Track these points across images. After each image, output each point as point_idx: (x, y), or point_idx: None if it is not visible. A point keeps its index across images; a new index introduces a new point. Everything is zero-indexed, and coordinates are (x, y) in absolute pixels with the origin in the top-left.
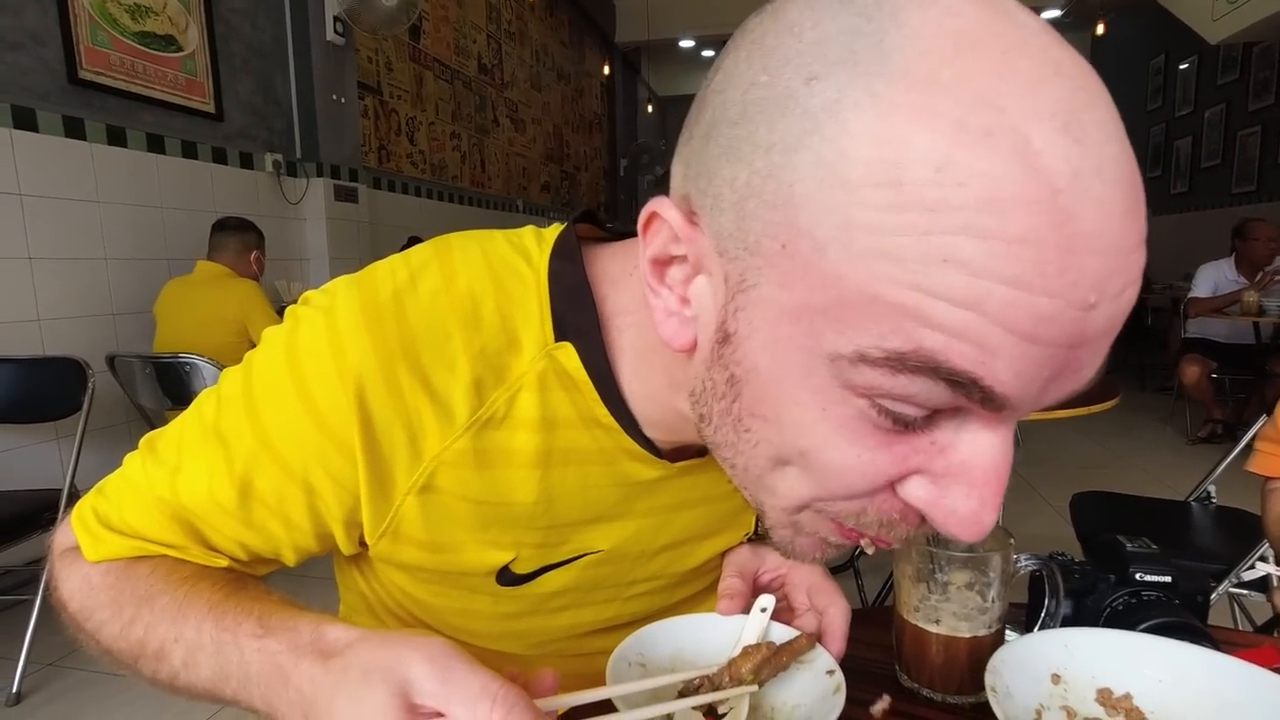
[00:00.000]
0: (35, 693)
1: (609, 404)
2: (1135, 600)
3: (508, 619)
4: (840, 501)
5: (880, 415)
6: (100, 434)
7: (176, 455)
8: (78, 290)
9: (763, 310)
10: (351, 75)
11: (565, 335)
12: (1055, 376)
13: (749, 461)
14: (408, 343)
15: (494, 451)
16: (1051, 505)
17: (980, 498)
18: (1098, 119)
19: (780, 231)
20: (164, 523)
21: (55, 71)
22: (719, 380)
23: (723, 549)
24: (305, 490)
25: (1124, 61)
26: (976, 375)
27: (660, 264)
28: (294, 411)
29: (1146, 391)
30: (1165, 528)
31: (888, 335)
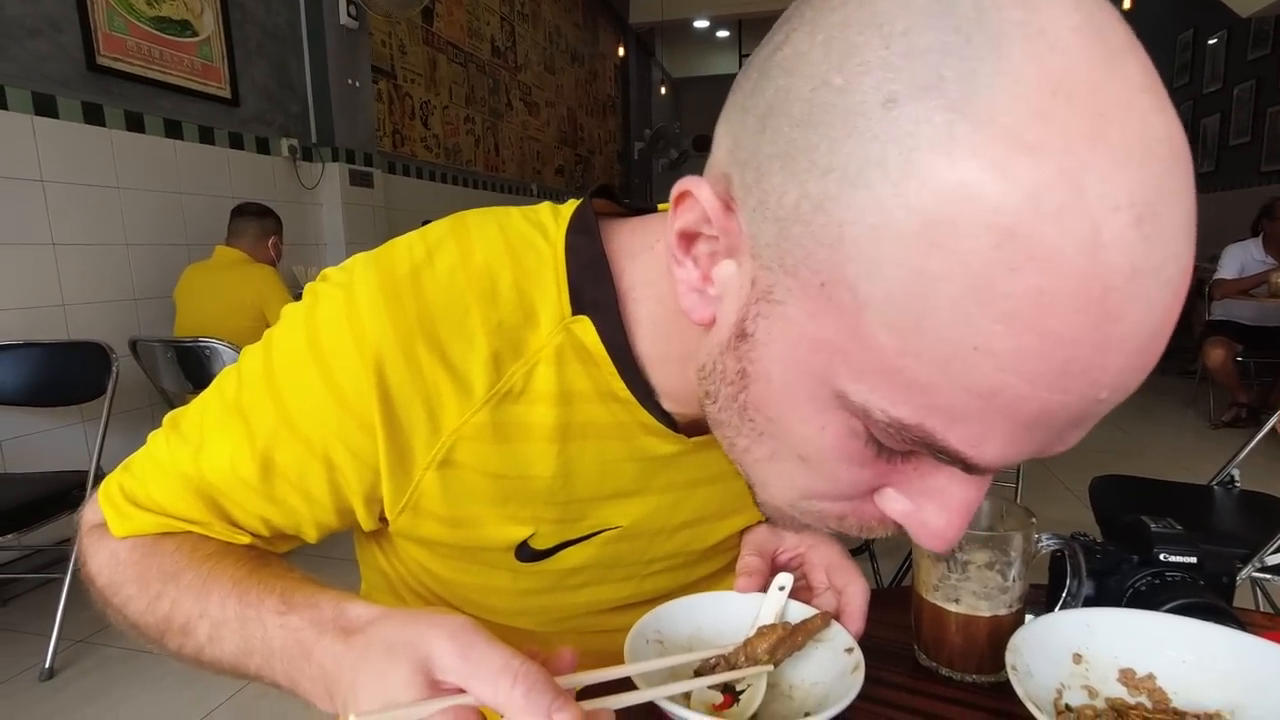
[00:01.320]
0: (67, 668)
1: (626, 378)
2: (1159, 581)
3: (527, 595)
4: (826, 502)
5: (869, 443)
6: (124, 417)
7: (199, 432)
8: (100, 275)
9: (785, 327)
10: (365, 59)
11: (582, 309)
12: (1041, 450)
13: (750, 445)
14: (426, 318)
15: (512, 425)
16: (1070, 490)
17: (949, 520)
18: (1174, 211)
19: (823, 269)
20: (188, 499)
21: (74, 58)
22: (730, 368)
23: (741, 528)
24: (326, 466)
25: (1151, 37)
26: (966, 455)
27: (687, 238)
28: (314, 388)
29: (1168, 375)
30: (1187, 512)
31: (898, 403)
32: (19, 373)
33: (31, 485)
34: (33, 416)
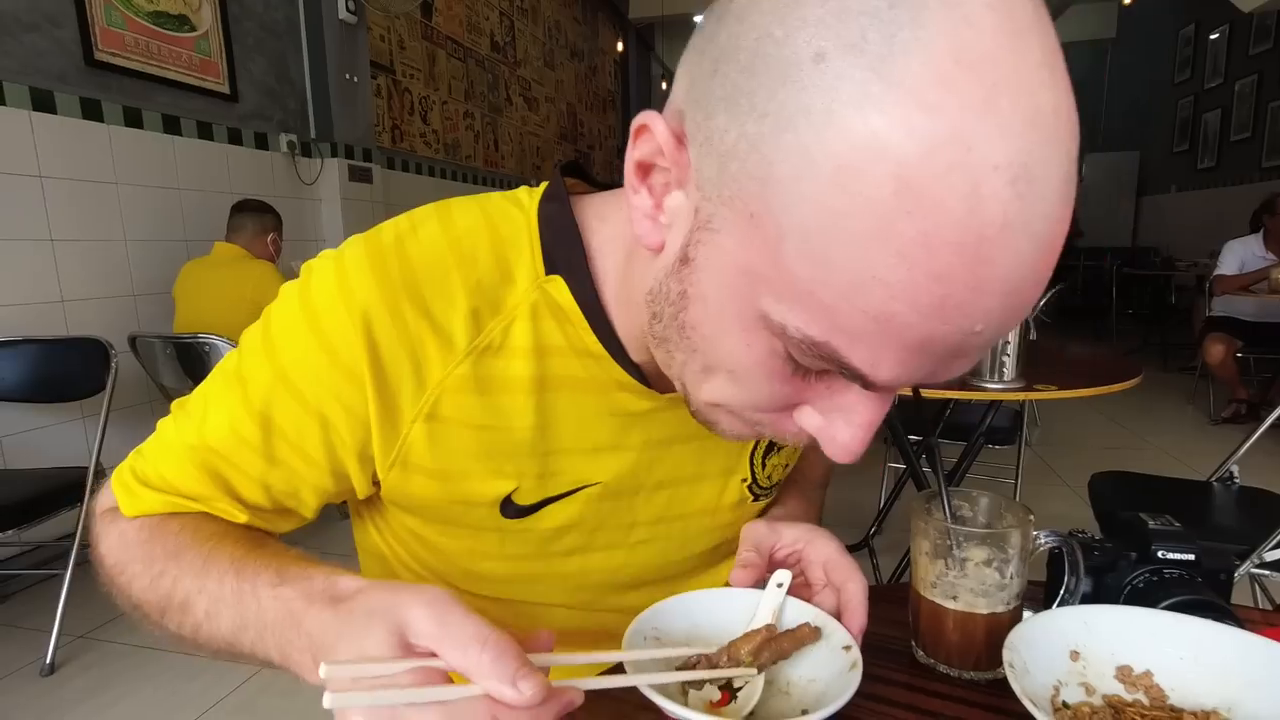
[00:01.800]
0: (68, 664)
1: (598, 332)
2: (1157, 578)
3: (516, 560)
4: (749, 412)
5: (787, 361)
6: (124, 413)
7: (203, 405)
8: (99, 272)
9: (719, 254)
10: (364, 54)
11: (555, 269)
12: (930, 375)
13: (687, 360)
14: (409, 279)
15: (492, 378)
16: (1069, 485)
17: (855, 434)
18: (1049, 175)
19: (752, 202)
20: (194, 473)
21: (71, 53)
22: (673, 290)
23: (720, 496)
24: (321, 423)
25: (1152, 33)
26: (864, 373)
27: (644, 168)
28: (307, 346)
29: (1169, 371)
30: (1186, 508)
31: (809, 324)
32: (18, 369)
33: (32, 481)
34: (33, 413)
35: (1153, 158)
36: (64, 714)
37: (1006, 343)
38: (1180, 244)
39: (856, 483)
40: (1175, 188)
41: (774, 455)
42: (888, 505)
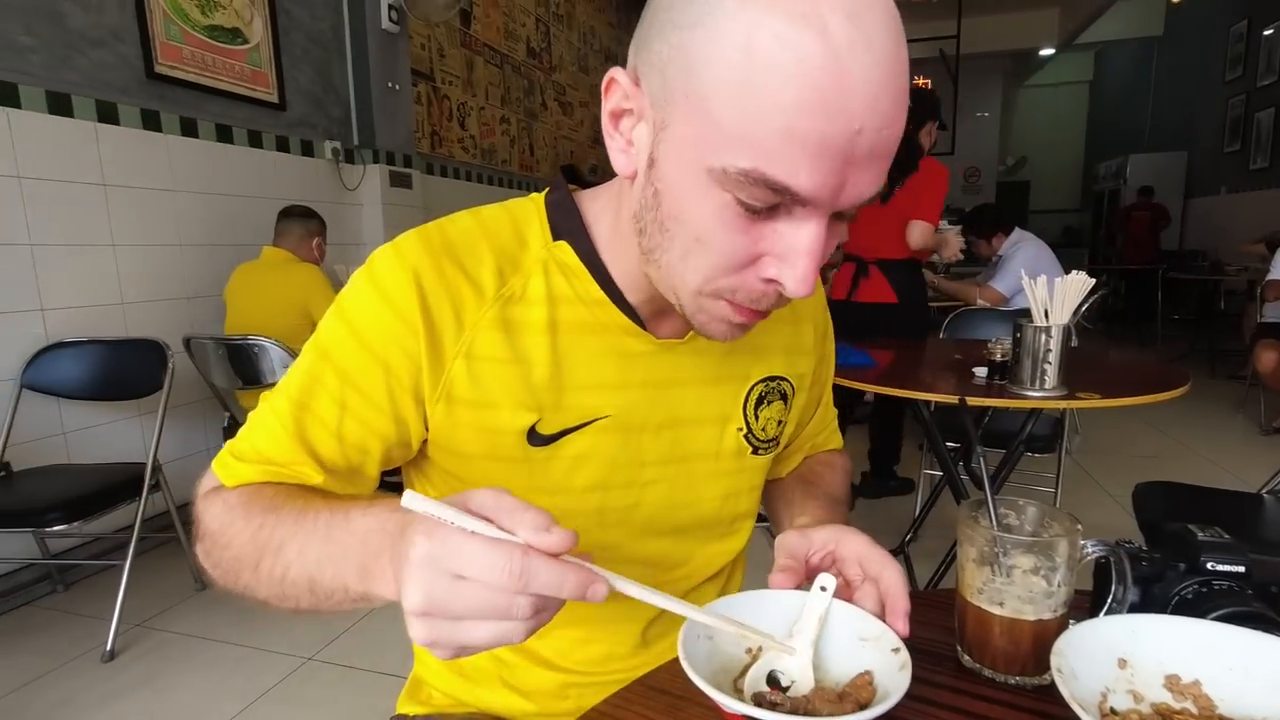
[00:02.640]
0: (126, 650)
1: (599, 281)
2: (1206, 589)
3: (542, 494)
4: (722, 278)
5: (739, 205)
6: (177, 411)
7: (288, 376)
8: (156, 275)
9: (674, 142)
10: (405, 62)
11: (560, 236)
12: (841, 186)
13: (669, 257)
14: (448, 246)
15: (515, 321)
16: (1111, 495)
17: (804, 266)
18: (875, 18)
19: (685, 87)
20: (282, 438)
21: (134, 67)
22: (649, 195)
23: (719, 441)
24: (384, 368)
25: (1202, 30)
26: (788, 183)
27: (615, 116)
28: (373, 303)
29: (1217, 379)
30: (1235, 520)
31: (740, 158)
32: (83, 368)
33: (94, 475)
34: (95, 410)
35: (1202, 158)
36: (123, 698)
37: (1048, 350)
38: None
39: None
40: (1225, 189)
41: (765, 408)
42: (924, 512)
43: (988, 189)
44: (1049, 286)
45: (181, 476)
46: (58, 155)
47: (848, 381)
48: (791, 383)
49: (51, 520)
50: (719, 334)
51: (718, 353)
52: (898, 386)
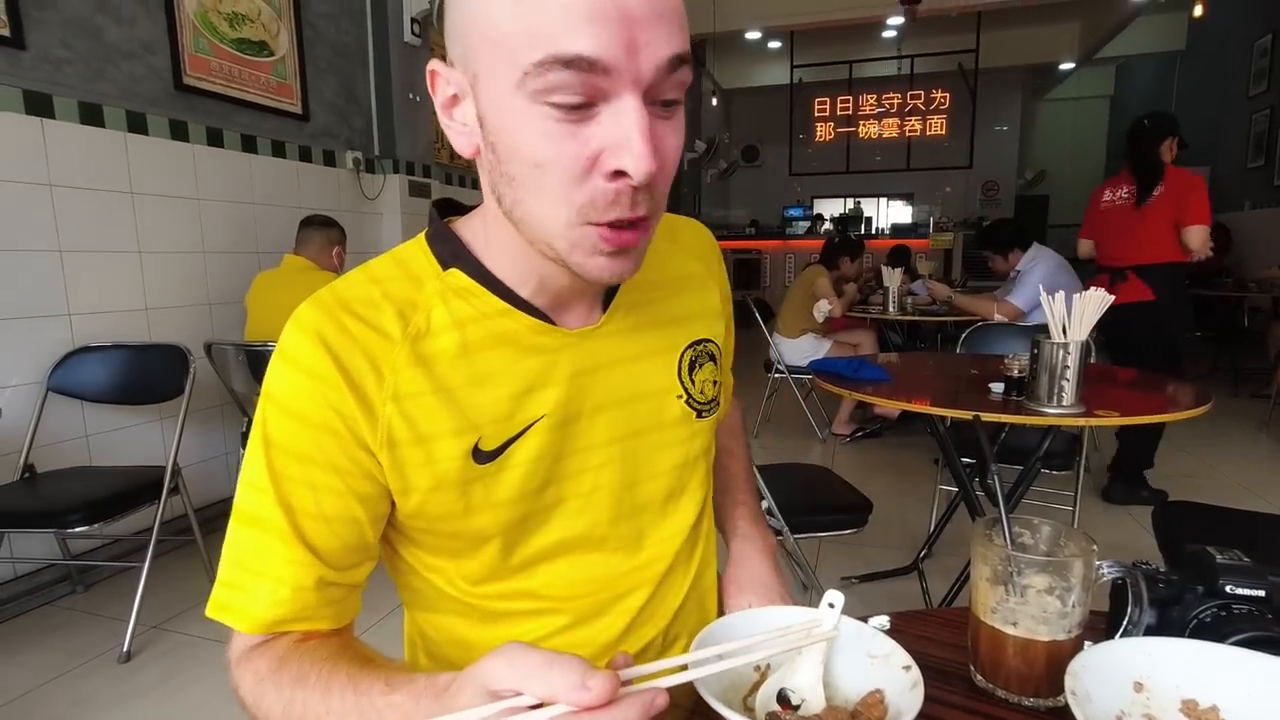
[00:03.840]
0: (143, 652)
1: (496, 293)
2: (1224, 613)
3: (503, 506)
4: (574, 192)
5: (557, 110)
6: (197, 415)
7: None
8: (179, 281)
9: (485, 86)
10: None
11: (448, 264)
12: (630, 45)
13: (526, 203)
14: (344, 303)
15: (429, 353)
16: (1131, 514)
17: (637, 142)
18: None
19: (477, 31)
20: (271, 543)
21: (163, 78)
22: (490, 157)
23: (661, 412)
24: (327, 431)
25: (1225, 44)
26: (577, 52)
27: (447, 107)
28: (290, 376)
29: (1240, 397)
30: (1258, 542)
31: (532, 52)
32: (107, 372)
33: (115, 478)
34: (116, 413)
35: (1224, 173)
36: (139, 699)
37: (1066, 367)
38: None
39: (906, 504)
40: (1249, 204)
41: (699, 371)
42: (938, 529)
43: (1006, 203)
44: (1067, 302)
45: (200, 480)
46: (88, 164)
47: (862, 395)
48: (716, 344)
49: (73, 521)
50: (601, 271)
51: (638, 329)
52: (913, 402)
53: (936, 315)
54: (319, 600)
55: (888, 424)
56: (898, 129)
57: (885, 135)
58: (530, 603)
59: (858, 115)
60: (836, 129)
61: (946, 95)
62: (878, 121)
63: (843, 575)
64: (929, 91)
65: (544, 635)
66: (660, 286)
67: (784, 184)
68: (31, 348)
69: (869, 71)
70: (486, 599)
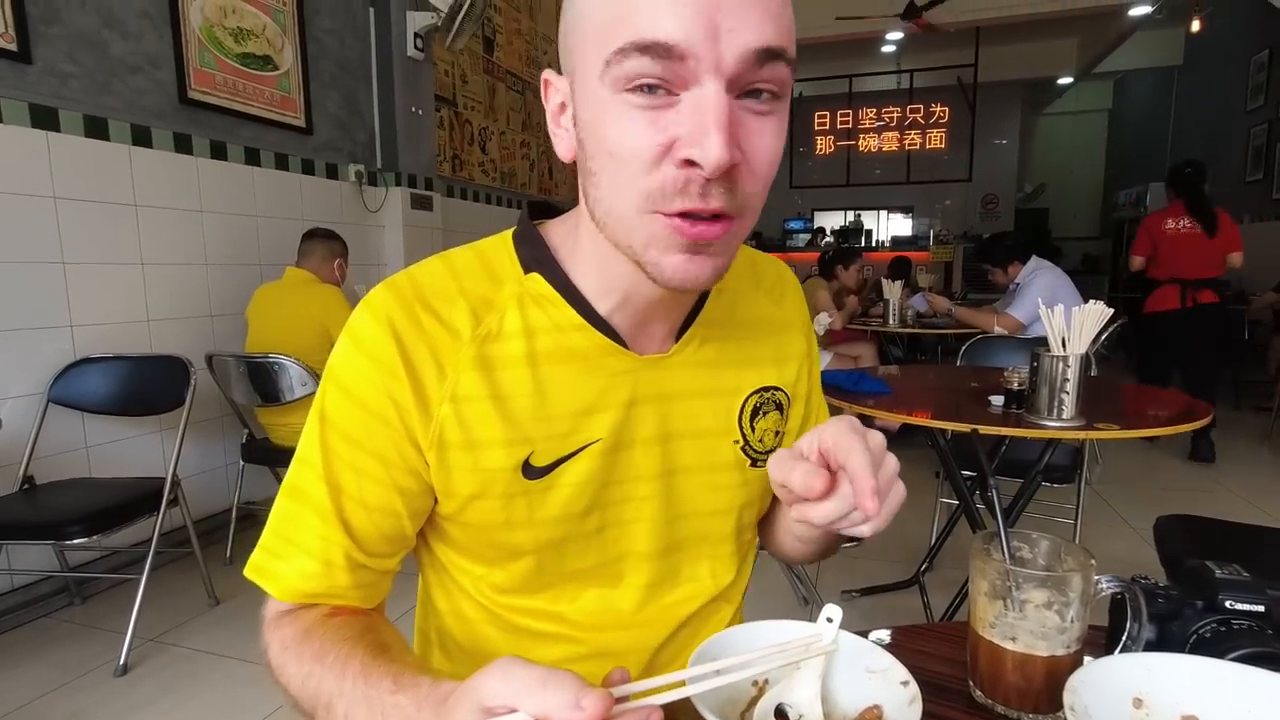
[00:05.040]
0: (140, 665)
1: (574, 305)
2: (1224, 628)
3: (544, 525)
4: (642, 179)
5: (638, 94)
6: (197, 427)
7: (297, 459)
8: (181, 293)
9: (579, 82)
10: (429, 89)
11: (530, 268)
12: (712, 31)
13: (605, 200)
14: (419, 292)
15: (494, 358)
16: (1132, 526)
17: (711, 131)
18: None
19: (576, 25)
20: (311, 521)
21: (168, 92)
22: (580, 156)
23: (713, 454)
24: (380, 420)
25: (1223, 59)
26: (655, 37)
27: (556, 114)
28: (355, 359)
29: (1242, 410)
30: (1259, 556)
31: (615, 39)
32: (108, 383)
33: (113, 490)
34: (116, 424)
35: (1223, 187)
36: (135, 713)
37: (1065, 380)
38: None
39: (907, 517)
40: (1249, 218)
41: (761, 419)
42: (939, 542)
43: (1006, 216)
44: (1066, 316)
45: (200, 492)
46: (93, 177)
47: (863, 409)
48: (786, 392)
49: (72, 533)
50: (675, 271)
51: (706, 365)
52: (913, 415)
53: (937, 328)
54: (349, 581)
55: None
56: (897, 142)
57: (885, 149)
58: (553, 625)
59: (858, 129)
60: (837, 142)
61: (946, 109)
62: (877, 135)
63: (843, 589)
64: (928, 105)
65: (559, 660)
66: (737, 325)
67: (785, 196)
68: (33, 359)
69: (869, 86)
70: (511, 611)
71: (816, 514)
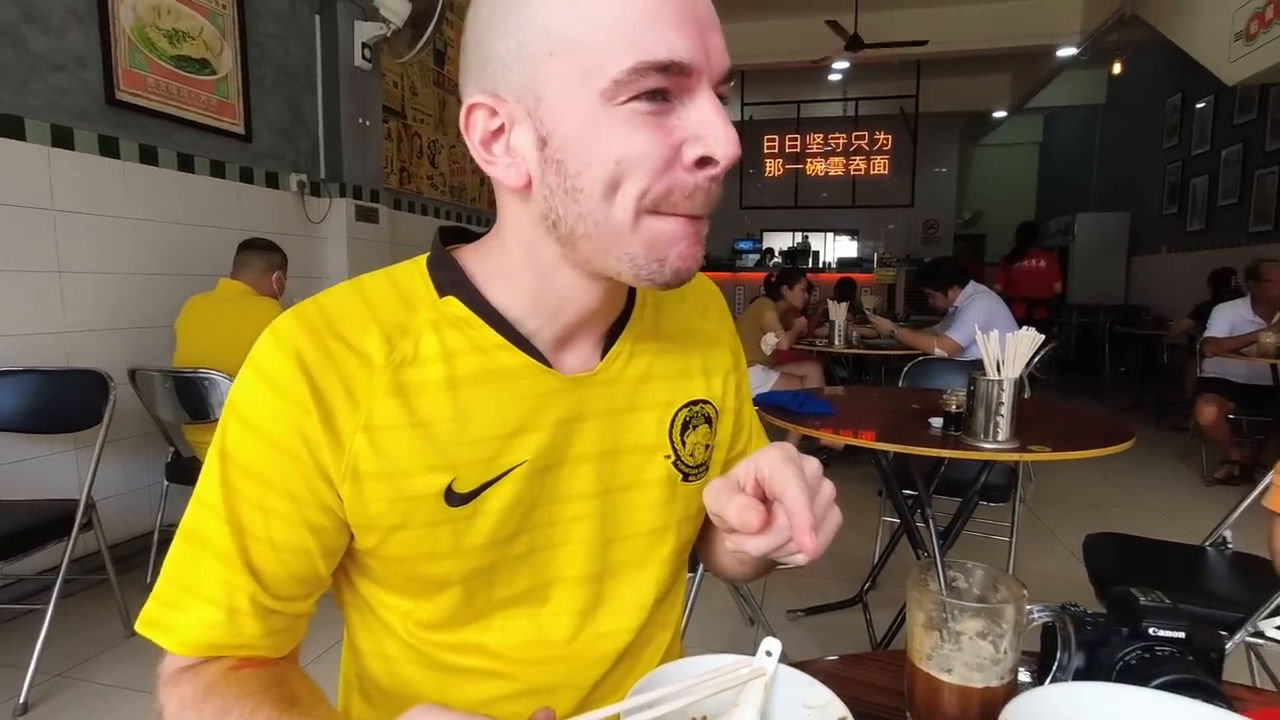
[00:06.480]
0: (42, 703)
1: (493, 325)
2: (1149, 655)
3: (471, 554)
4: (656, 180)
5: (642, 101)
6: (117, 446)
7: (194, 500)
8: (105, 304)
9: (559, 101)
10: (377, 99)
11: (446, 291)
12: (705, 49)
13: (595, 213)
14: (328, 320)
15: (411, 384)
16: (1064, 544)
17: (722, 128)
18: None
19: (548, 46)
20: (212, 566)
21: (94, 92)
22: (552, 175)
23: (644, 470)
24: (288, 456)
25: (1141, 100)
26: (670, 58)
27: (487, 142)
28: (260, 392)
29: (1162, 429)
30: (1180, 573)
31: (623, 61)
32: (17, 399)
33: (21, 513)
34: (25, 442)
35: (1143, 219)
36: None
37: (1000, 403)
38: (1171, 304)
39: (852, 536)
40: (1166, 248)
41: (691, 433)
42: (882, 560)
43: (946, 241)
44: (1001, 340)
45: (120, 515)
46: (5, 178)
47: (806, 429)
48: (714, 405)
49: None
50: (682, 259)
51: (634, 380)
52: (856, 436)
53: (881, 349)
54: (258, 628)
55: (834, 455)
56: (843, 167)
57: (832, 173)
58: (481, 660)
59: (805, 153)
60: (785, 165)
61: (889, 137)
62: (824, 160)
63: (789, 609)
64: (873, 133)
65: (490, 699)
66: (664, 339)
67: (735, 217)
68: None
69: (816, 112)
70: (437, 648)
71: (752, 546)
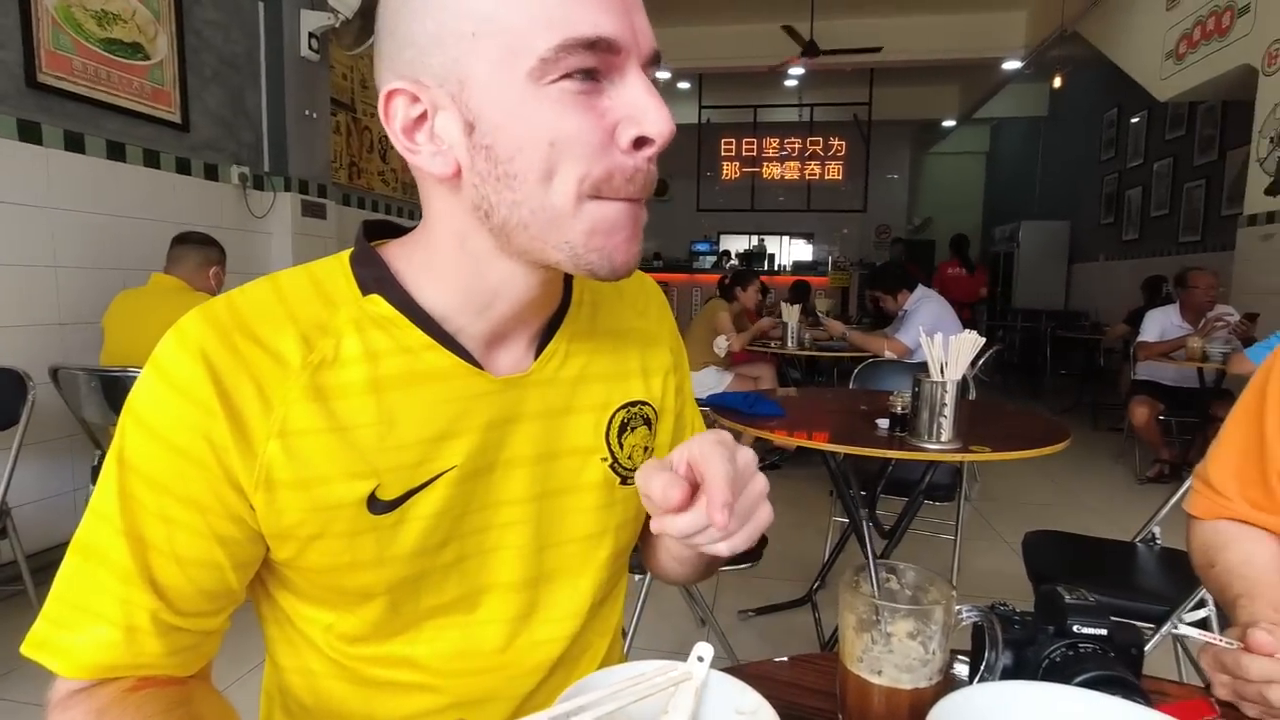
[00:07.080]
0: None
1: (421, 326)
2: (1072, 652)
3: (396, 563)
4: (594, 163)
5: (573, 80)
6: (38, 448)
7: (91, 507)
8: (23, 298)
9: (485, 83)
10: (324, 92)
11: (369, 289)
12: (631, 28)
13: (532, 200)
14: (238, 319)
15: (330, 387)
16: (1007, 541)
17: (654, 106)
18: None
19: (466, 29)
20: (110, 583)
21: (13, 74)
22: (482, 161)
23: (580, 474)
24: (193, 463)
25: (1080, 113)
26: (598, 34)
27: (409, 130)
28: (161, 395)
29: (1100, 430)
30: (1112, 568)
31: (549, 39)
32: None
33: None
34: None
35: (1082, 228)
36: None
37: (944, 404)
38: (1108, 309)
39: (804, 535)
40: (1103, 256)
41: (629, 435)
42: (832, 558)
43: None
44: (944, 343)
45: (40, 521)
46: None
47: (756, 430)
48: (654, 406)
49: None
50: (619, 251)
51: (570, 381)
52: (808, 437)
53: (833, 350)
54: (160, 647)
55: (786, 455)
56: (798, 172)
57: (787, 177)
58: (408, 673)
59: (762, 157)
60: (742, 168)
61: (843, 143)
62: (780, 164)
63: (740, 609)
64: (827, 138)
65: (418, 713)
66: (600, 338)
67: (692, 219)
68: None
69: (773, 116)
70: (362, 662)
71: (673, 526)
